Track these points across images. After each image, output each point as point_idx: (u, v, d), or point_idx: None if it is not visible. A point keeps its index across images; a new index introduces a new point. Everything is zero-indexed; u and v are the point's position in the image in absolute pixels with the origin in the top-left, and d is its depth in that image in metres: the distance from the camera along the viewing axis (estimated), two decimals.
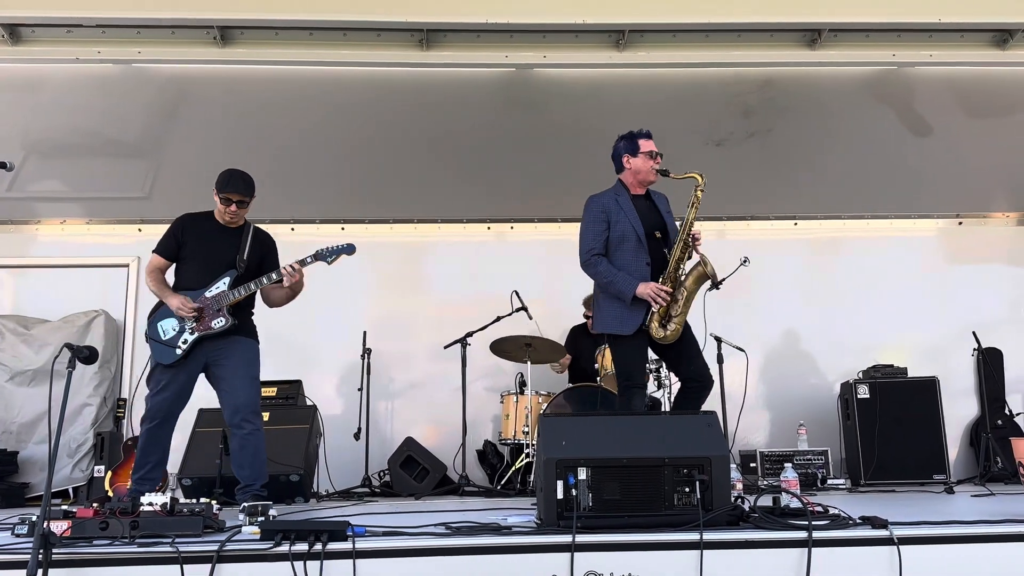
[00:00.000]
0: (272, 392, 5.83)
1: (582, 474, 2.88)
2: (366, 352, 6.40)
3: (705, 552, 2.64)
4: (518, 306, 6.23)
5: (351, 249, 4.37)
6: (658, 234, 4.23)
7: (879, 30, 5.70)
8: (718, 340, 5.90)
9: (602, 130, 6.42)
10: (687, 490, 2.89)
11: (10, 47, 5.74)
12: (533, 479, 5.14)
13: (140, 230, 6.98)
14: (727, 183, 6.92)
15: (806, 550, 2.66)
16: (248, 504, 3.17)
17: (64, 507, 2.94)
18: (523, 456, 5.65)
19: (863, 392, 6.19)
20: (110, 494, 5.43)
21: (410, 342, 7.03)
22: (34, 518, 2.71)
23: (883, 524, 2.77)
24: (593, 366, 6.02)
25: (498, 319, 6.25)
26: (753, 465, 6.05)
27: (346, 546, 2.62)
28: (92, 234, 7.06)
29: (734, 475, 3.28)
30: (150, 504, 2.87)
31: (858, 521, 2.87)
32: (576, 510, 2.82)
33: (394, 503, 5.02)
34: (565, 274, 7.09)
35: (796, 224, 7.20)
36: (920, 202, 7.25)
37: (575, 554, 2.62)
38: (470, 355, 6.25)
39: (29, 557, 2.45)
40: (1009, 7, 5.46)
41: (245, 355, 4.25)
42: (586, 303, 6.51)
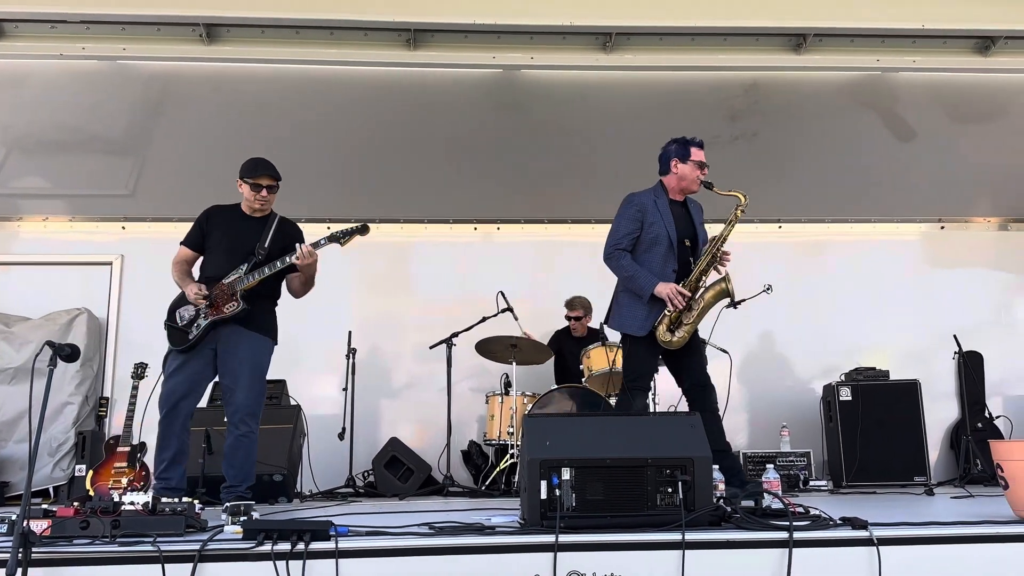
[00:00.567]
0: None
1: (566, 474, 2.88)
2: (351, 352, 6.39)
3: (687, 552, 2.65)
4: (504, 307, 6.24)
5: (365, 230, 4.31)
6: (687, 242, 4.27)
7: (864, 35, 5.75)
8: (702, 342, 5.92)
9: (589, 132, 6.50)
10: (670, 490, 2.90)
11: None
12: (517, 479, 5.15)
13: (124, 228, 6.94)
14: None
15: (787, 550, 2.68)
16: (231, 504, 3.16)
17: (44, 506, 2.92)
18: (508, 456, 5.66)
19: (845, 394, 6.24)
20: (91, 493, 5.39)
21: (396, 342, 7.02)
22: (13, 517, 2.68)
23: (863, 525, 2.79)
24: (578, 367, 6.03)
25: (484, 320, 6.26)
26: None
27: (329, 546, 2.61)
28: (75, 231, 7.01)
29: (716, 476, 3.29)
30: (131, 503, 2.86)
31: (839, 522, 2.89)
32: (559, 510, 2.83)
33: (378, 503, 5.01)
34: (551, 275, 7.16)
35: (780, 227, 7.25)
36: (903, 206, 7.31)
37: (558, 554, 2.62)
38: (455, 355, 6.25)
39: (8, 556, 2.44)
40: (991, 15, 5.51)
41: (254, 355, 4.19)
42: (570, 305, 6.52)
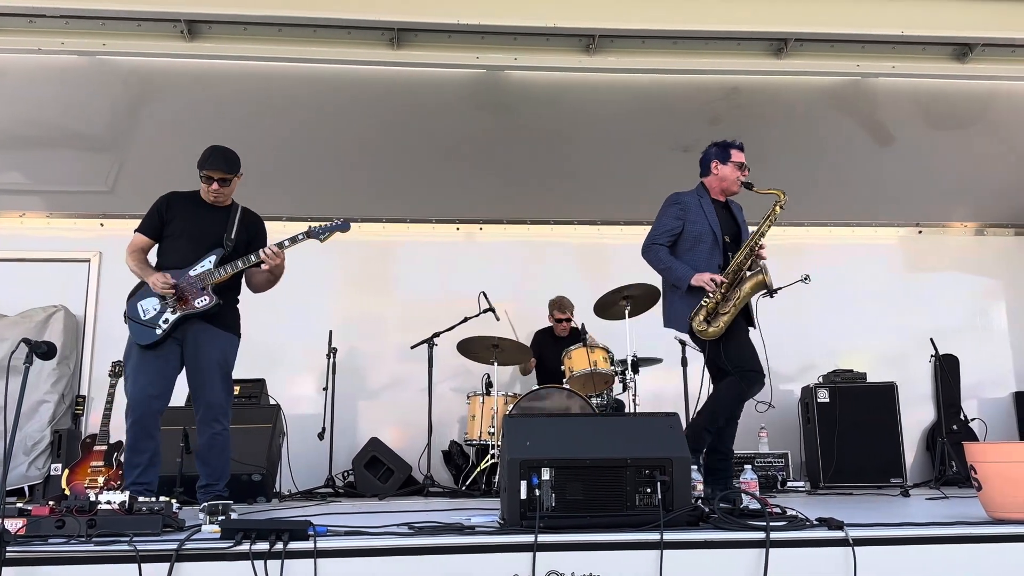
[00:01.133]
0: (235, 391, 5.77)
1: (546, 474, 2.89)
2: (332, 351, 6.37)
3: (665, 552, 2.66)
4: (486, 307, 6.25)
5: (346, 226, 4.24)
6: (728, 239, 4.34)
7: (844, 41, 5.79)
8: (682, 343, 5.96)
9: (572, 133, 6.51)
10: (648, 491, 2.92)
11: None
12: (498, 479, 5.16)
13: (102, 225, 6.88)
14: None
15: (764, 550, 2.70)
16: (209, 503, 3.14)
17: (19, 505, 2.89)
18: (488, 457, 5.66)
19: (823, 396, 6.30)
20: (67, 493, 5.34)
21: (377, 342, 7.01)
22: None
23: (839, 525, 2.82)
24: (559, 368, 6.05)
25: (465, 320, 6.26)
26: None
27: (307, 545, 2.60)
28: (52, 228, 6.95)
29: (695, 476, 3.32)
30: (108, 502, 2.83)
31: (815, 522, 2.92)
32: (539, 510, 2.84)
33: (357, 503, 5.00)
34: (534, 276, 7.17)
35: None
36: (882, 211, 7.39)
37: (537, 554, 2.63)
38: (437, 355, 6.25)
39: None
40: (969, 22, 5.57)
41: (222, 351, 4.14)
42: (559, 307, 6.51)
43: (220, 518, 2.99)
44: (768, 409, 4.83)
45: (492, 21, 5.34)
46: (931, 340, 6.54)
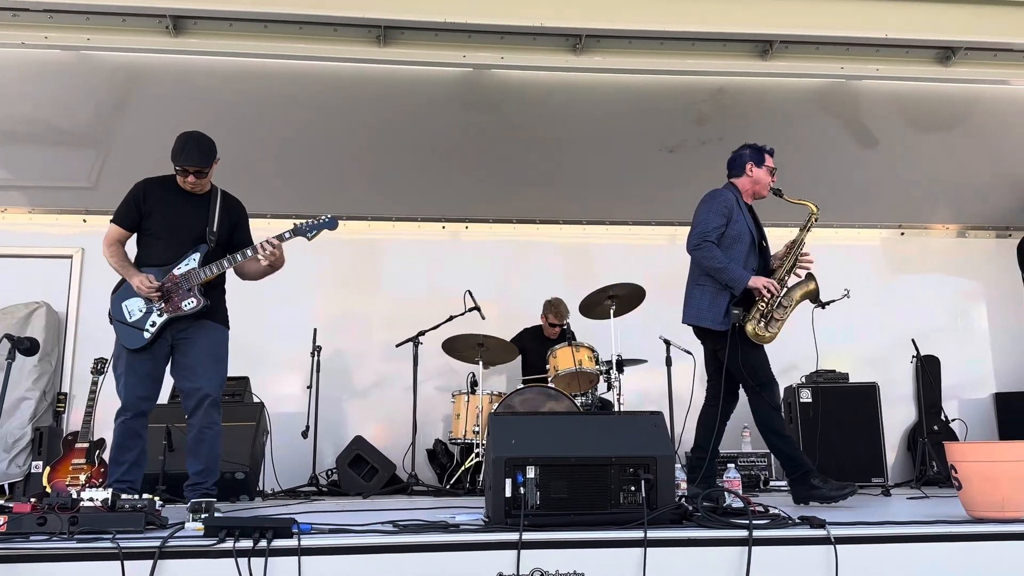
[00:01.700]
0: None
1: (530, 472, 2.90)
2: (316, 350, 6.34)
3: (649, 550, 2.68)
4: (471, 306, 6.25)
5: (333, 224, 4.13)
6: (764, 242, 4.43)
7: (828, 43, 5.83)
8: (667, 343, 5.98)
9: (558, 133, 6.52)
10: (633, 489, 2.93)
11: None
12: (482, 477, 5.16)
13: (85, 220, 6.83)
14: (679, 190, 7.03)
15: (747, 548, 2.72)
16: (195, 501, 3.13)
17: (0, 502, 2.87)
18: (473, 455, 5.66)
19: (805, 396, 6.34)
20: (48, 490, 5.30)
21: (362, 340, 6.99)
22: None
23: (821, 524, 2.85)
24: (544, 367, 6.05)
25: (451, 318, 6.26)
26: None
27: (291, 543, 2.60)
28: (35, 223, 6.89)
29: (679, 475, 3.33)
30: (91, 499, 2.81)
31: (797, 521, 2.94)
32: (524, 508, 2.84)
33: (341, 502, 4.99)
34: (519, 275, 7.18)
35: None
36: (864, 212, 7.45)
37: (522, 552, 2.64)
38: (422, 354, 6.24)
39: None
40: (952, 26, 5.62)
41: (213, 343, 4.06)
42: (557, 313, 6.43)
43: (203, 516, 2.97)
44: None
45: (479, 20, 5.33)
46: (912, 341, 6.60)
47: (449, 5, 5.24)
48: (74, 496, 2.83)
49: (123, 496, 2.91)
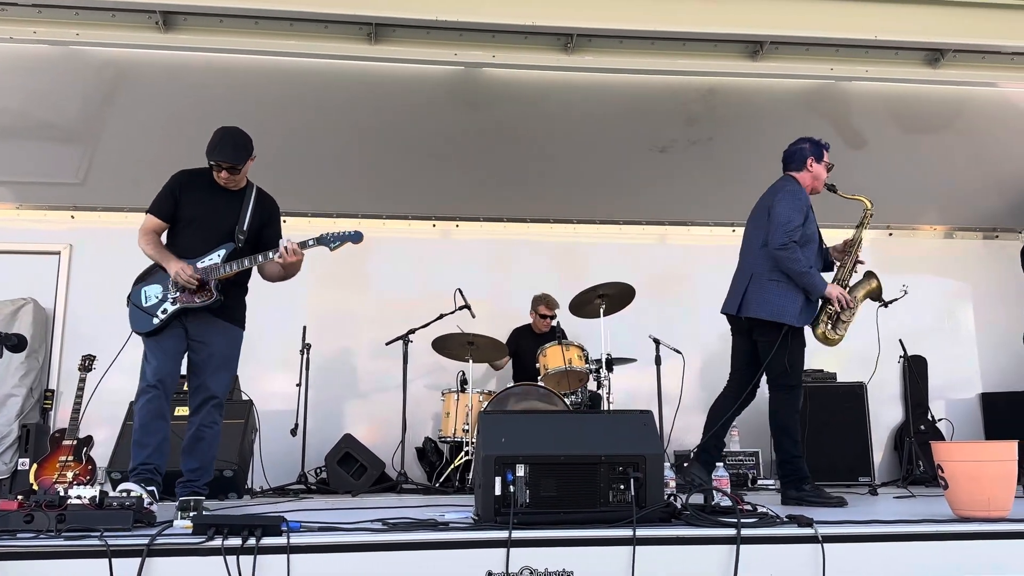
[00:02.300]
0: None
1: (520, 471, 2.91)
2: (306, 347, 6.33)
3: (638, 548, 2.69)
4: (461, 304, 6.25)
5: (358, 237, 4.08)
6: (824, 244, 4.42)
7: (818, 44, 5.86)
8: (656, 342, 6.00)
9: (549, 132, 6.53)
10: (622, 487, 2.94)
11: None
12: (472, 476, 5.16)
13: (73, 217, 6.79)
14: (669, 189, 7.07)
15: (735, 546, 2.73)
16: (182, 498, 3.12)
17: None
18: (462, 454, 5.66)
19: None
20: (35, 487, 5.27)
21: (351, 338, 6.98)
22: None
23: (809, 523, 2.86)
24: (535, 366, 6.06)
25: (441, 317, 6.25)
26: (687, 465, 6.17)
27: (280, 541, 2.59)
28: (22, 219, 6.84)
29: (668, 473, 3.35)
30: (78, 497, 2.80)
31: (785, 520, 2.96)
32: (513, 506, 2.85)
33: (330, 500, 4.98)
34: (509, 273, 7.18)
35: (734, 231, 7.33)
36: (852, 212, 7.45)
37: (511, 550, 2.64)
38: (412, 352, 6.23)
39: None
40: (941, 28, 5.65)
41: (227, 345, 4.07)
42: (547, 303, 6.45)
43: (192, 513, 2.97)
44: None
45: (470, 18, 5.32)
46: (900, 341, 6.63)
47: (441, 3, 5.23)
48: (61, 493, 2.81)
49: (110, 494, 2.90)
